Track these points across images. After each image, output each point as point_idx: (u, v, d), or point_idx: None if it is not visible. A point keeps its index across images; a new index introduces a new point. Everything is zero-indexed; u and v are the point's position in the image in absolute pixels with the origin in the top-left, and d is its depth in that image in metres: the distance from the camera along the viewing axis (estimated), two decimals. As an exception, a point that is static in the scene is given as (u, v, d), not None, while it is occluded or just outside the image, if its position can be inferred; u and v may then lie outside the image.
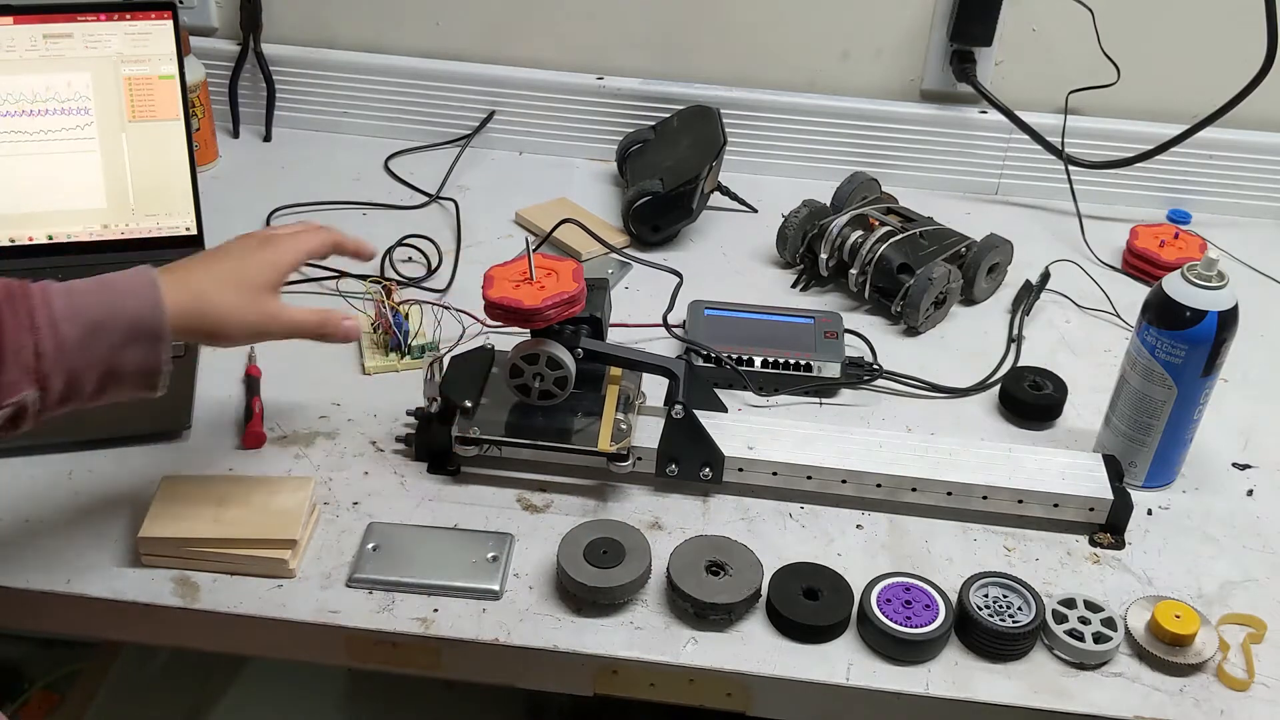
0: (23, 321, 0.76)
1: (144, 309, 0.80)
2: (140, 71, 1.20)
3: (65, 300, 0.78)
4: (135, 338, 0.79)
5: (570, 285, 0.95)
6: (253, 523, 0.91)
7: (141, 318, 0.79)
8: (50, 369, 0.76)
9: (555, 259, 0.98)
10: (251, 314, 0.86)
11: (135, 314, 0.79)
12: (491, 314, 0.96)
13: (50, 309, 0.77)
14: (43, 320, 0.76)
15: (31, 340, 0.76)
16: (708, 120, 1.42)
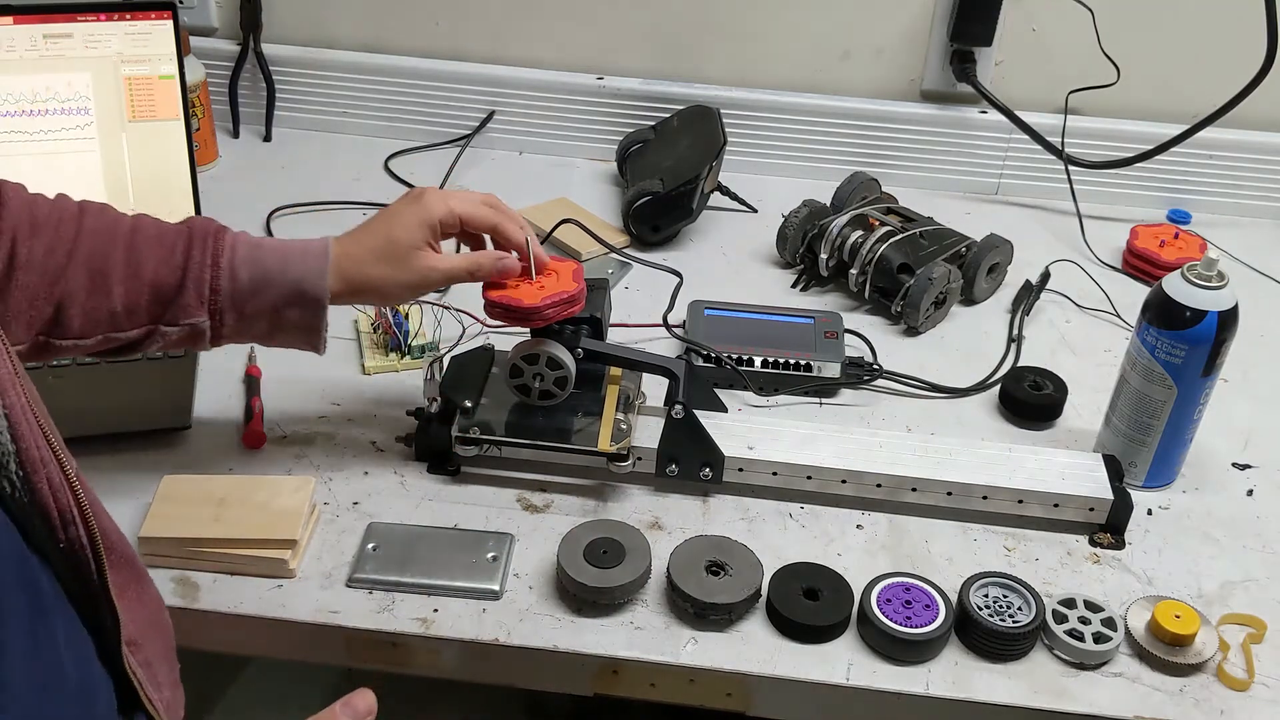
0: (207, 259, 0.88)
1: (309, 275, 0.90)
2: (140, 71, 1.20)
3: (248, 251, 0.90)
4: (297, 299, 0.90)
5: (570, 285, 0.95)
6: (253, 523, 0.91)
7: (305, 282, 0.90)
8: (223, 305, 0.89)
9: (556, 259, 0.98)
10: (405, 275, 0.92)
11: (300, 277, 0.90)
12: (491, 313, 0.96)
13: (234, 254, 0.89)
14: (225, 262, 0.88)
15: (210, 275, 0.88)
16: (708, 120, 1.42)
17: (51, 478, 0.65)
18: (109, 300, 0.87)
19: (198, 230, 0.90)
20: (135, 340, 0.89)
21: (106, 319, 0.87)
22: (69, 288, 0.86)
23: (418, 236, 0.92)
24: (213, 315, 0.89)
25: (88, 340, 0.87)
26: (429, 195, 0.94)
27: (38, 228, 0.86)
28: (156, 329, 0.88)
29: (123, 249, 0.88)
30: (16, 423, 0.63)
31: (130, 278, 0.87)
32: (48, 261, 0.85)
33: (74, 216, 0.88)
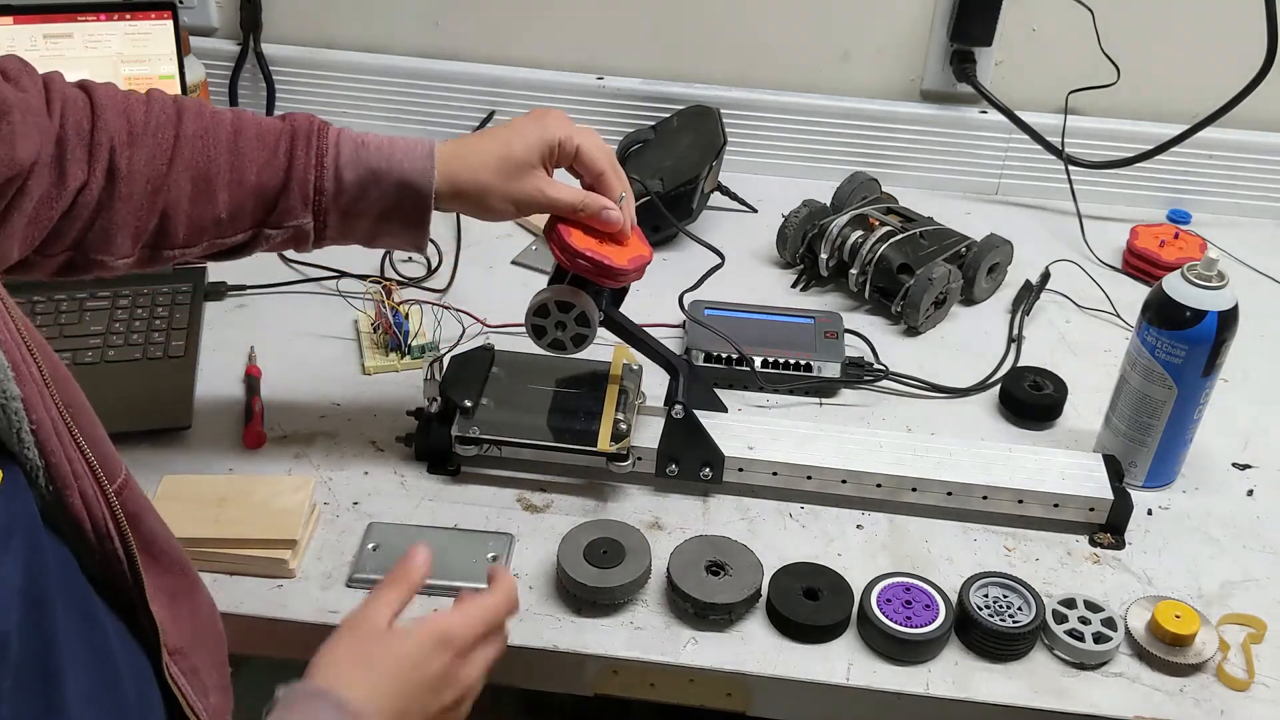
0: (311, 159, 0.86)
1: (416, 172, 0.87)
2: (140, 71, 1.20)
3: (352, 150, 0.87)
4: (404, 196, 0.88)
5: (646, 251, 0.95)
6: (253, 523, 0.91)
7: (412, 179, 0.87)
8: (328, 205, 0.87)
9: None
10: (514, 190, 0.90)
11: (408, 174, 0.87)
12: (573, 264, 0.92)
13: (338, 153, 0.87)
14: (330, 162, 0.86)
15: (315, 176, 0.86)
16: (708, 120, 1.42)
17: (85, 491, 0.63)
18: (214, 207, 0.85)
19: (301, 127, 0.87)
20: (240, 244, 0.88)
21: (212, 225, 0.86)
22: (172, 196, 0.83)
23: (535, 154, 0.90)
24: (317, 216, 0.87)
25: (194, 248, 0.86)
26: (553, 116, 0.92)
27: (135, 136, 0.83)
28: (261, 232, 0.87)
29: (225, 152, 0.85)
30: (45, 438, 0.61)
31: (234, 183, 0.85)
32: (149, 170, 0.83)
33: (172, 121, 0.85)
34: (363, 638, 0.71)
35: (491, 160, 0.89)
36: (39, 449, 0.61)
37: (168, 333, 1.13)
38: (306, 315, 1.21)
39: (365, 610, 0.73)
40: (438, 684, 0.71)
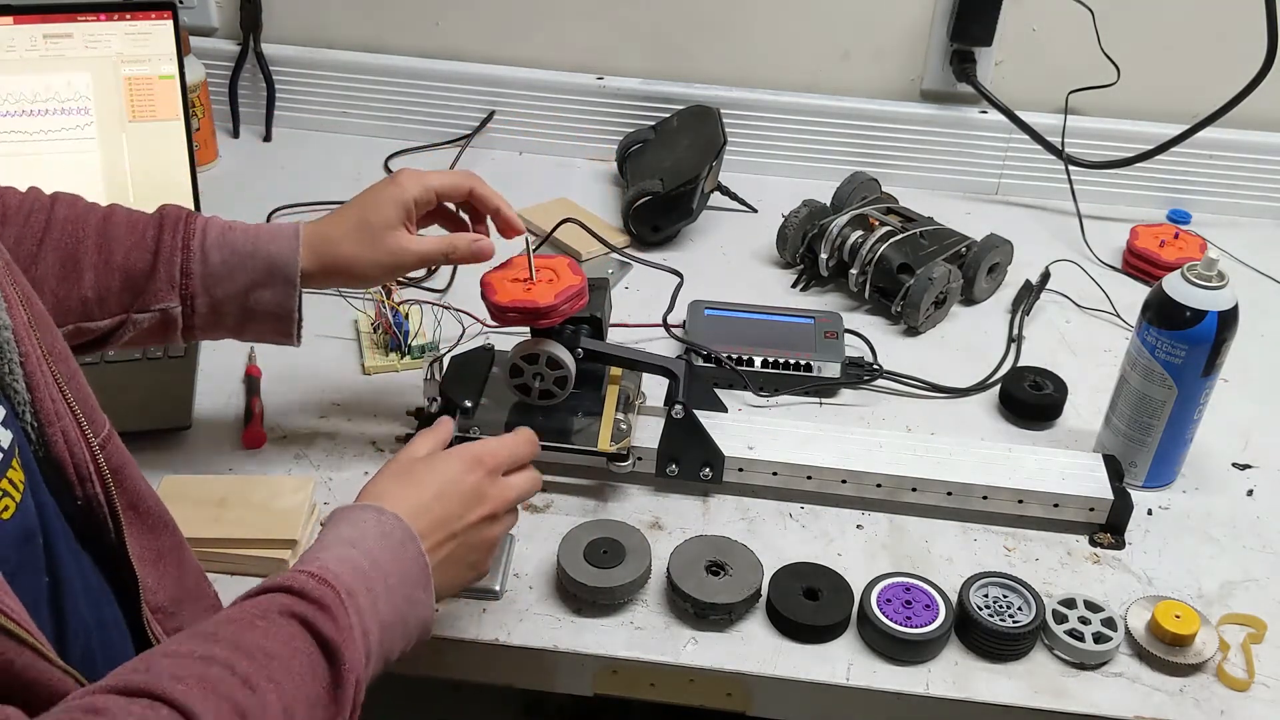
0: (178, 242, 0.88)
1: (283, 252, 0.89)
2: (140, 71, 1.20)
3: (218, 233, 0.90)
4: (271, 278, 0.89)
5: (574, 279, 0.95)
6: (253, 523, 0.91)
7: (278, 259, 0.89)
8: (195, 289, 0.88)
9: (548, 257, 0.98)
10: (377, 255, 0.92)
11: (274, 255, 0.89)
12: (503, 319, 0.95)
13: (204, 237, 0.89)
14: (195, 245, 0.88)
15: (181, 258, 0.88)
16: (708, 120, 1.42)
17: (67, 431, 0.65)
18: (80, 287, 0.86)
19: (169, 215, 0.90)
20: (106, 331, 0.88)
21: (78, 307, 0.86)
22: (39, 274, 0.85)
23: (391, 216, 0.92)
24: (184, 300, 0.88)
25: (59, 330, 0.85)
26: (403, 175, 0.94)
27: (7, 217, 0.86)
28: (128, 318, 0.88)
29: (94, 235, 0.87)
30: (31, 372, 0.63)
31: (102, 264, 0.87)
32: (18, 250, 0.84)
33: (44, 207, 0.88)
34: (402, 465, 0.78)
35: (351, 232, 0.92)
36: (26, 383, 0.63)
37: (168, 333, 1.13)
38: (306, 315, 1.20)
39: (403, 451, 0.81)
40: (471, 497, 0.78)
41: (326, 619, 0.64)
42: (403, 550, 0.71)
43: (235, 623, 0.62)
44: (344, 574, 0.67)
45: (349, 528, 0.71)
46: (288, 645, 0.62)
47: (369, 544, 0.70)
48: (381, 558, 0.70)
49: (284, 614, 0.63)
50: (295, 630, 0.63)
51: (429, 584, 0.72)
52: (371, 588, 0.68)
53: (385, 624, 0.68)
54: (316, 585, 0.65)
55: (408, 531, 0.72)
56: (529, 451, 0.84)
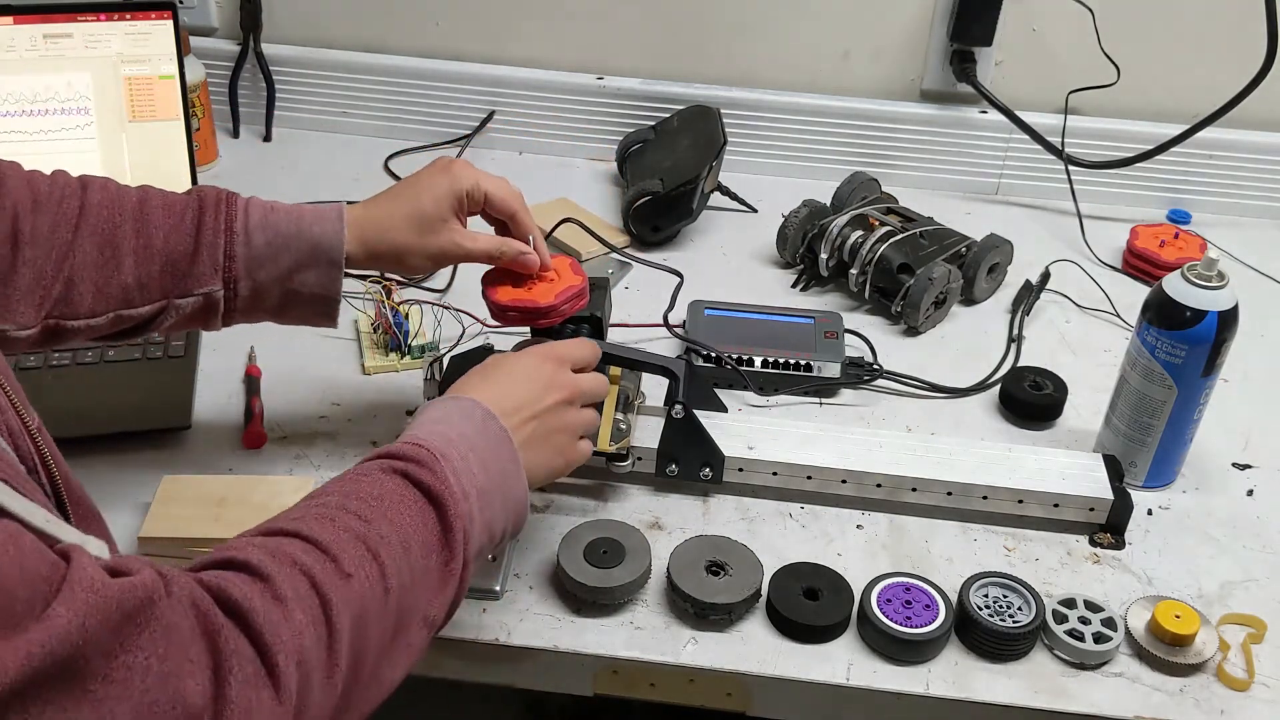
0: (221, 224, 0.86)
1: (327, 234, 0.88)
2: (140, 71, 1.20)
3: (261, 215, 0.88)
4: (315, 259, 0.88)
5: (575, 279, 0.95)
6: (253, 523, 0.90)
7: (323, 241, 0.88)
8: (239, 272, 0.87)
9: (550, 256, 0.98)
10: (429, 246, 0.91)
11: (318, 237, 0.88)
12: (504, 319, 0.95)
13: (248, 218, 0.87)
14: (239, 227, 0.86)
15: (224, 241, 0.86)
16: (708, 120, 1.42)
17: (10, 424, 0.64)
18: (120, 273, 0.84)
19: (209, 197, 0.87)
20: (148, 317, 0.86)
21: (119, 294, 0.85)
22: (78, 261, 0.83)
23: (446, 207, 0.91)
24: (227, 284, 0.86)
25: (100, 319, 0.85)
26: (459, 167, 0.93)
27: (40, 203, 0.83)
28: (170, 303, 0.86)
29: (131, 220, 0.85)
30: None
31: (142, 248, 0.85)
32: (54, 237, 0.83)
33: (76, 191, 0.85)
34: (484, 366, 0.84)
35: (403, 220, 0.90)
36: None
37: (168, 333, 1.13)
38: (306, 315, 1.20)
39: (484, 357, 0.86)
40: (548, 382, 0.83)
41: (426, 472, 0.71)
42: (485, 426, 0.77)
43: (341, 480, 0.71)
44: (434, 441, 0.73)
45: (432, 411, 0.77)
46: (395, 492, 0.69)
47: (454, 421, 0.76)
48: (467, 431, 0.76)
49: (385, 471, 0.71)
50: (400, 482, 0.70)
51: (516, 457, 0.78)
52: (464, 455, 0.74)
53: (482, 489, 0.74)
54: (412, 449, 0.72)
55: (487, 411, 0.78)
56: (593, 355, 0.89)
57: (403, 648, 0.68)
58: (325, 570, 0.64)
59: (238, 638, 0.58)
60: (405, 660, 0.69)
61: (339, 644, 0.62)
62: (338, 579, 0.64)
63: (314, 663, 0.61)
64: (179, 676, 0.54)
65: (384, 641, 0.67)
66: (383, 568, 0.66)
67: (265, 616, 0.59)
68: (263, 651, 0.58)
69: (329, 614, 0.62)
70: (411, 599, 0.68)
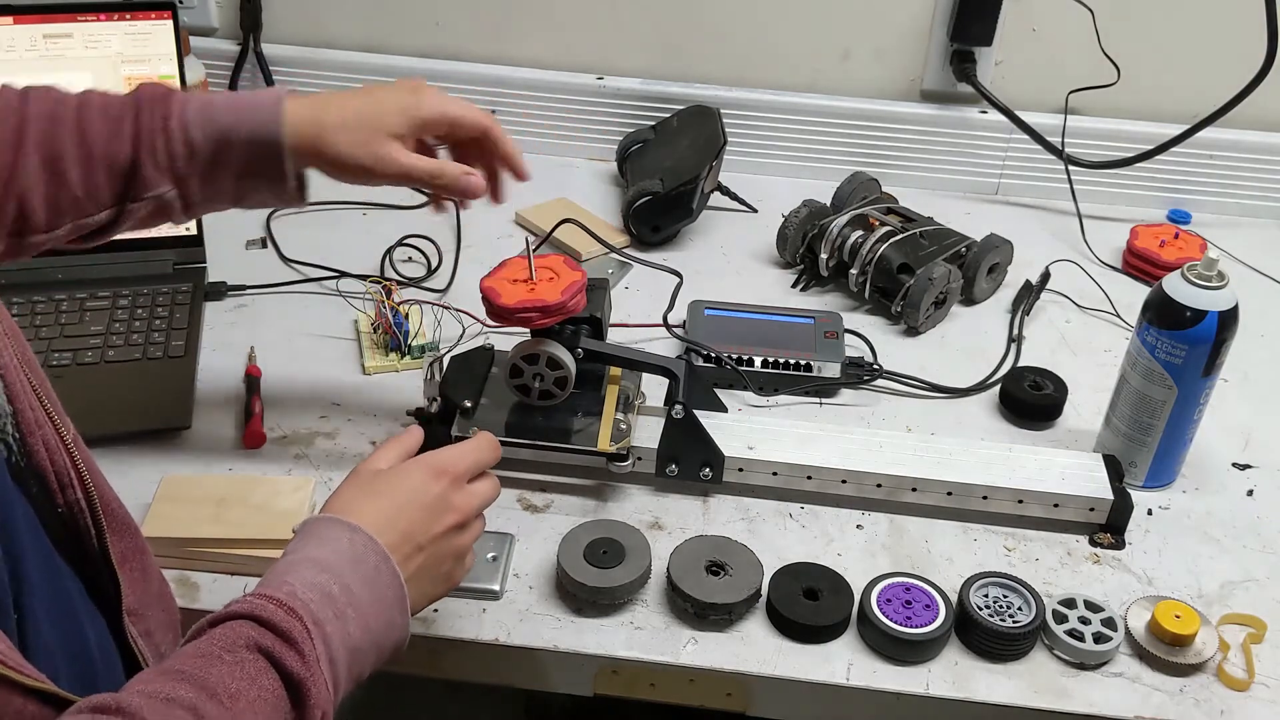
0: (157, 124, 0.82)
1: (266, 122, 0.83)
2: (140, 71, 1.20)
3: (199, 110, 0.83)
4: (256, 151, 0.83)
5: (575, 275, 0.95)
6: (253, 523, 0.91)
7: (262, 130, 0.83)
8: (185, 171, 0.83)
9: (541, 256, 0.98)
10: (366, 154, 0.85)
11: (257, 125, 0.83)
12: (511, 320, 0.94)
13: (184, 114, 0.83)
14: (175, 125, 0.82)
15: (163, 141, 0.82)
16: (708, 120, 1.42)
17: (48, 440, 0.65)
18: (67, 186, 0.81)
19: (145, 97, 0.84)
20: (106, 223, 0.84)
21: (70, 205, 0.82)
22: (25, 182, 0.80)
23: (397, 124, 0.86)
24: (178, 183, 0.83)
25: (58, 231, 0.82)
26: (426, 91, 0.89)
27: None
28: (124, 208, 0.83)
29: (71, 130, 0.82)
30: (11, 383, 0.63)
31: (84, 158, 0.81)
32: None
33: (16, 107, 0.82)
34: (365, 478, 0.76)
35: (349, 123, 0.85)
36: (7, 394, 0.62)
37: (168, 333, 1.13)
38: (306, 315, 1.21)
39: (366, 462, 0.78)
40: (437, 506, 0.76)
41: (293, 655, 0.63)
42: (377, 575, 0.70)
43: (202, 658, 0.61)
44: (313, 601, 0.66)
45: (318, 546, 0.69)
46: (254, 684, 0.61)
47: (340, 568, 0.68)
48: (353, 582, 0.68)
49: (250, 648, 0.62)
50: (261, 666, 0.62)
51: (405, 604, 0.71)
52: (341, 614, 0.67)
53: (355, 649, 0.67)
54: (285, 617, 0.63)
55: (381, 553, 0.70)
56: (491, 456, 0.81)
57: None
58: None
59: None
60: None
61: None
62: None
63: None
64: None
65: None
66: None
67: None
68: None
69: None
70: None
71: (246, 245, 1.32)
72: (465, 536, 0.78)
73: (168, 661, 0.61)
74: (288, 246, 1.30)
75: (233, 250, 1.30)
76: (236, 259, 1.29)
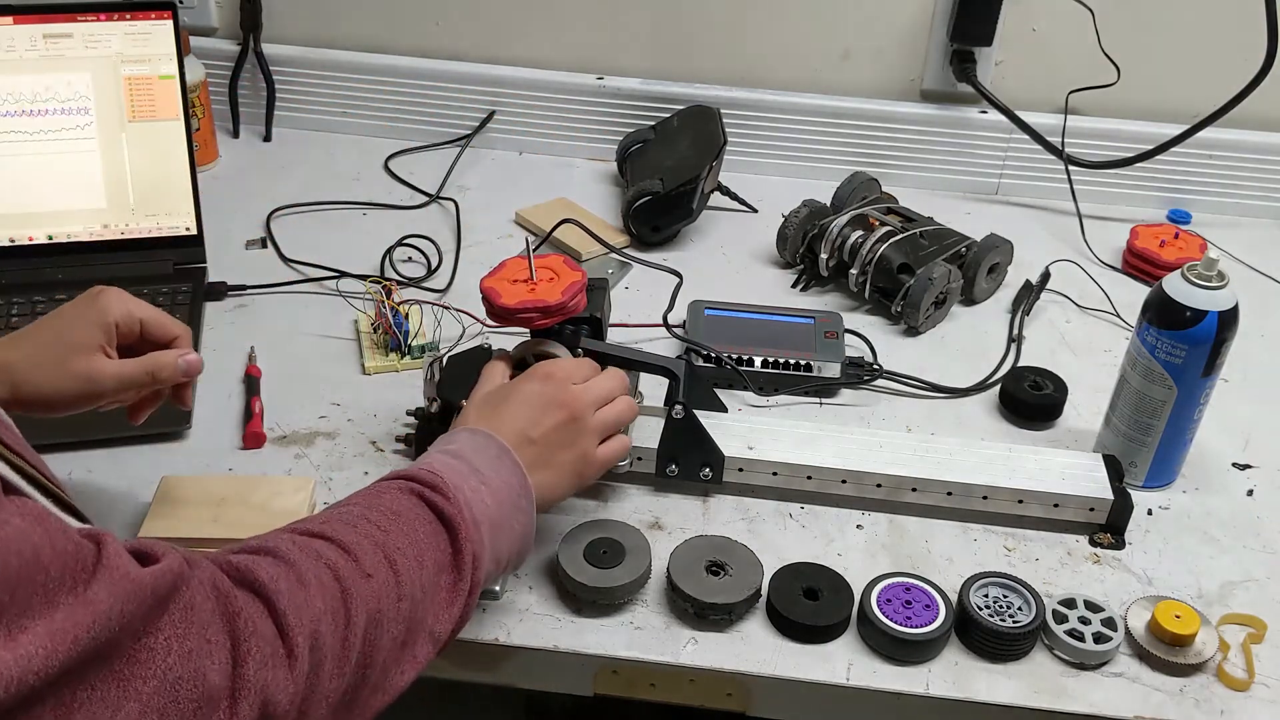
0: None
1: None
2: (140, 71, 1.20)
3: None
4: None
5: (575, 274, 0.95)
6: (253, 523, 0.91)
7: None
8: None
9: (542, 256, 0.98)
10: (67, 380, 0.82)
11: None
12: (511, 321, 0.94)
13: None
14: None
15: None
16: (708, 120, 1.42)
17: None
18: None
19: None
20: None
21: None
22: None
23: (87, 338, 0.83)
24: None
25: None
26: (108, 296, 0.85)
27: None
28: None
29: None
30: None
31: None
32: None
33: None
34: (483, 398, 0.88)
35: (38, 352, 0.82)
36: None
37: (168, 333, 1.13)
38: (306, 315, 1.21)
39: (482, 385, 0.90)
40: (541, 403, 0.85)
41: (440, 498, 0.74)
42: (499, 462, 0.80)
43: (363, 494, 0.74)
44: (450, 471, 0.77)
45: (445, 443, 0.81)
46: (411, 511, 0.73)
47: (468, 455, 0.79)
48: (481, 466, 0.78)
49: (403, 491, 0.74)
50: (415, 502, 0.74)
51: (529, 491, 0.80)
52: (475, 488, 0.76)
53: (492, 521, 0.76)
54: (428, 475, 0.75)
55: (501, 445, 0.80)
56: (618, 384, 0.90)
57: (409, 658, 0.70)
58: (347, 566, 0.67)
59: (260, 617, 0.61)
60: (410, 670, 0.70)
61: (353, 635, 0.65)
62: (358, 576, 0.67)
63: (328, 648, 0.63)
64: (199, 656, 0.56)
65: (394, 646, 0.69)
66: (398, 575, 0.69)
67: (289, 598, 0.62)
68: (282, 631, 0.61)
69: (348, 605, 0.66)
70: (421, 611, 0.71)
71: (246, 245, 1.32)
72: (585, 428, 0.85)
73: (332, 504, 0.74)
74: (288, 246, 1.30)
75: (233, 250, 1.30)
76: (236, 259, 1.29)
